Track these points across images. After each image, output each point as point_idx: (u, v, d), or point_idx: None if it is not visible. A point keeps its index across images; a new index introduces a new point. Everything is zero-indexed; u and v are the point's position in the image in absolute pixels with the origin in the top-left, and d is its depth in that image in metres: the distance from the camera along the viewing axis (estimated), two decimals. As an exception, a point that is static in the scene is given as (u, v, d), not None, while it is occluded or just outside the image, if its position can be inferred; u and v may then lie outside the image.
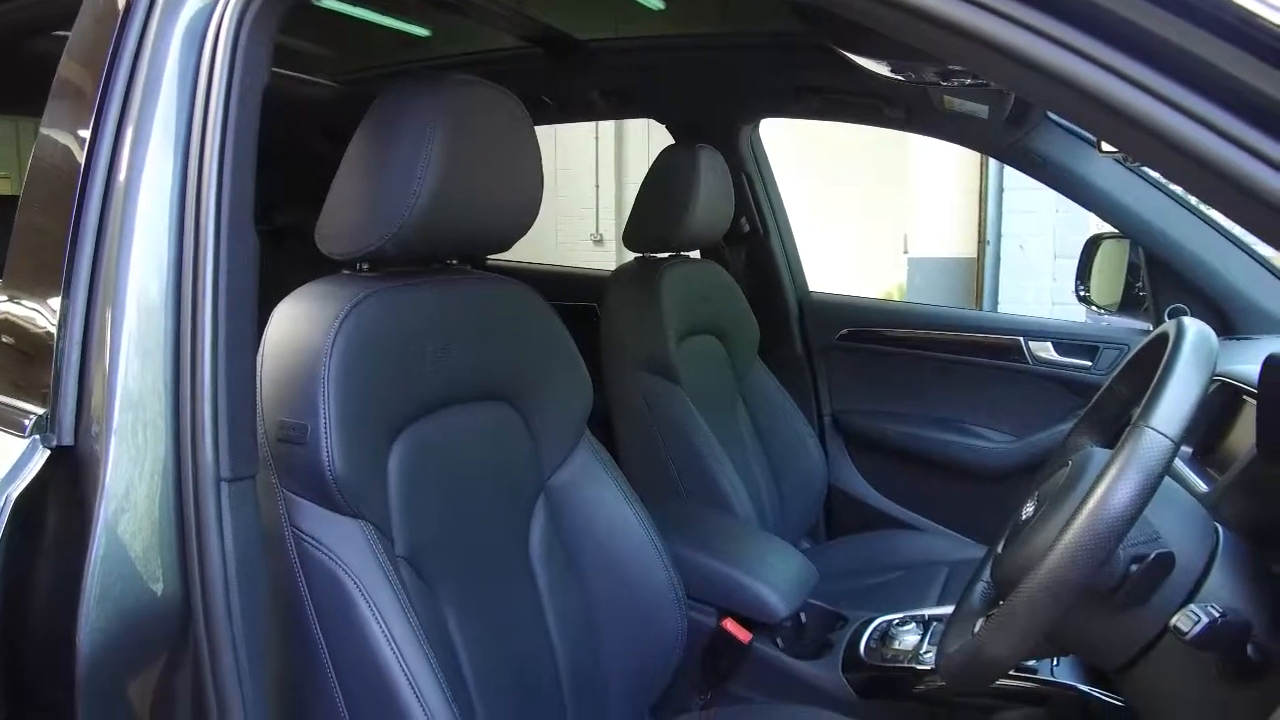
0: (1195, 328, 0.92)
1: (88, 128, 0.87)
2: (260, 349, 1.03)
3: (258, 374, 1.01)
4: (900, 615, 1.57)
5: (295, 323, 1.04)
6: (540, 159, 1.22)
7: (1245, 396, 1.32)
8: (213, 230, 0.82)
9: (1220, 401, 1.39)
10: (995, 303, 5.40)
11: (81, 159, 0.87)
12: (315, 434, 0.99)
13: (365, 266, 1.13)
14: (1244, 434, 1.28)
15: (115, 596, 0.77)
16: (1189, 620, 0.81)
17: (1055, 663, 1.36)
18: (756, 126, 2.43)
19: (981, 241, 5.43)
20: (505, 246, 1.25)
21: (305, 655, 0.98)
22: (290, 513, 1.00)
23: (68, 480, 0.81)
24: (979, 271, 5.48)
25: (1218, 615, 0.81)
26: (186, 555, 0.80)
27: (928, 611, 1.57)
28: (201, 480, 0.80)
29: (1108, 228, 2.00)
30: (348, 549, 0.99)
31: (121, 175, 0.85)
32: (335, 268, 1.14)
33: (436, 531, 1.13)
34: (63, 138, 0.91)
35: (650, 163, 2.02)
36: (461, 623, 1.13)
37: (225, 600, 0.80)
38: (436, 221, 1.08)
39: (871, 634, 1.55)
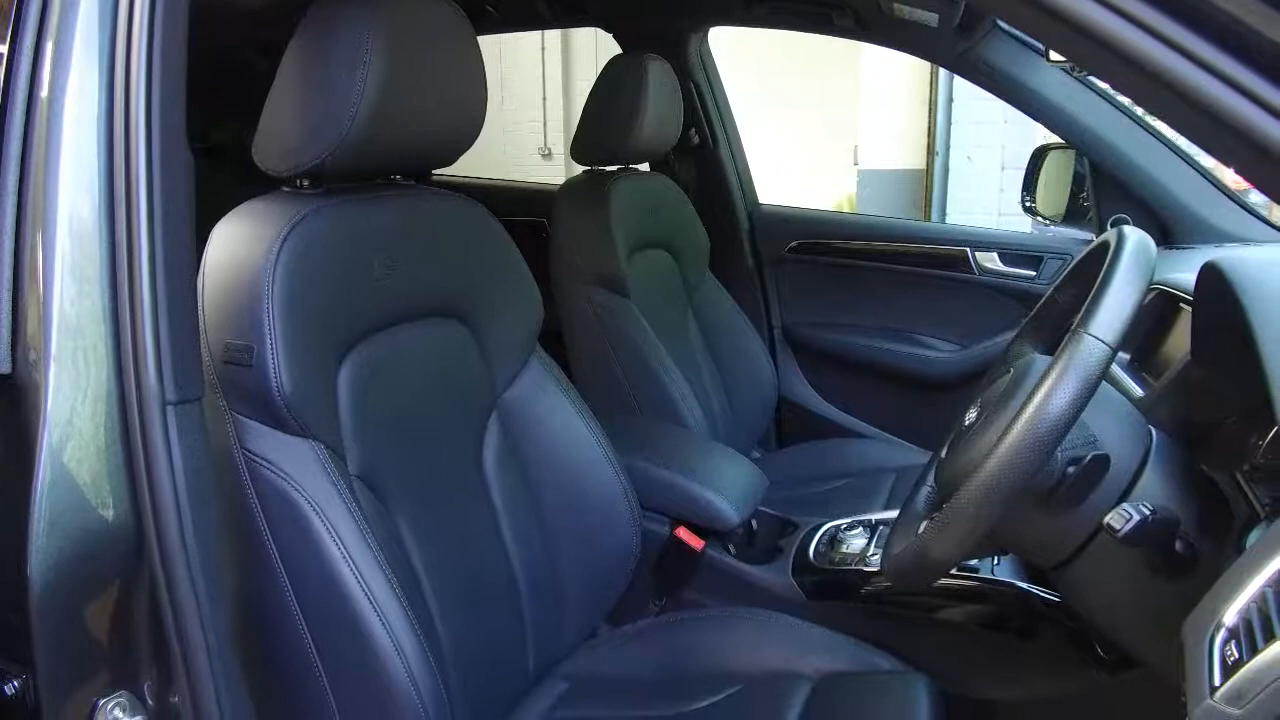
0: (1134, 237, 0.94)
1: (3, 43, 0.83)
2: (200, 270, 1.01)
3: (199, 296, 0.99)
4: (848, 520, 1.61)
5: (235, 242, 1.02)
6: (483, 70, 1.19)
7: (1182, 304, 1.36)
8: (144, 149, 0.79)
9: (1158, 309, 1.42)
10: (943, 214, 5.43)
11: (-1, 77, 0.83)
12: (261, 355, 0.98)
13: (305, 183, 1.10)
14: (1180, 340, 1.31)
15: (65, 524, 0.76)
16: (1121, 518, 0.85)
17: (995, 562, 1.41)
18: (705, 36, 2.39)
19: (930, 153, 5.43)
20: (450, 161, 1.23)
21: (263, 576, 0.99)
22: (240, 435, 0.99)
23: (7, 408, 0.80)
24: (927, 183, 5.49)
25: (1149, 513, 0.85)
26: (136, 480, 0.79)
27: (874, 516, 1.62)
28: (146, 404, 0.79)
29: (1055, 139, 2.01)
30: (300, 469, 0.99)
31: (44, 93, 0.81)
32: (274, 185, 1.11)
33: (389, 449, 1.13)
34: (-22, 52, 0.87)
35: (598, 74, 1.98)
36: (418, 538, 1.14)
37: (178, 523, 0.79)
38: (377, 135, 1.06)
39: (820, 539, 1.59)
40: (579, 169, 2.05)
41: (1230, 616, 0.64)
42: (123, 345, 0.79)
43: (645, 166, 2.20)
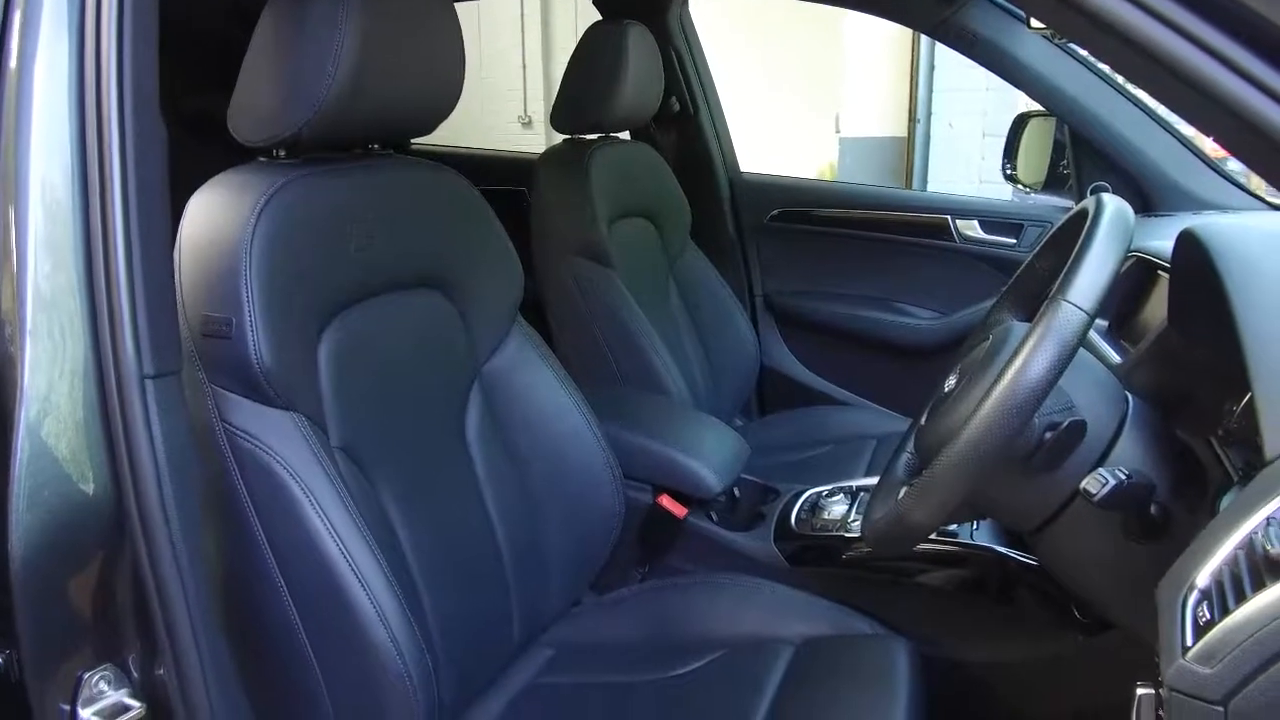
0: (1113, 204, 0.95)
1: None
2: (177, 243, 1.00)
3: (175, 268, 0.99)
4: (829, 487, 1.63)
5: (212, 214, 1.01)
6: (461, 37, 1.18)
7: (1160, 271, 1.37)
8: (116, 120, 0.78)
9: (1136, 276, 1.43)
10: (924, 182, 5.44)
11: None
12: (240, 327, 0.97)
13: (282, 153, 1.09)
14: (1157, 307, 1.32)
15: (44, 499, 0.76)
16: (1098, 483, 0.86)
17: (975, 527, 1.43)
18: (686, 2, 2.37)
19: (912, 121, 5.42)
20: (428, 129, 1.22)
21: (246, 549, 0.99)
22: (220, 408, 0.99)
23: (-17, 383, 0.79)
24: (909, 150, 5.49)
25: (1124, 478, 0.86)
26: (115, 455, 0.79)
27: (855, 483, 1.63)
28: (125, 378, 0.78)
29: (1036, 107, 2.01)
30: (281, 441, 0.99)
31: (11, 64, 0.80)
32: (250, 156, 1.10)
33: (371, 421, 1.13)
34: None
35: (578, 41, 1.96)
36: (401, 509, 1.15)
37: (159, 497, 0.79)
38: (354, 104, 1.05)
39: (802, 505, 1.61)
40: (559, 137, 2.03)
41: (1203, 578, 0.65)
42: (99, 319, 0.79)
43: (626, 135, 2.18)
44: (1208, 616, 0.62)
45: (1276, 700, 0.57)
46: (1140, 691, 0.70)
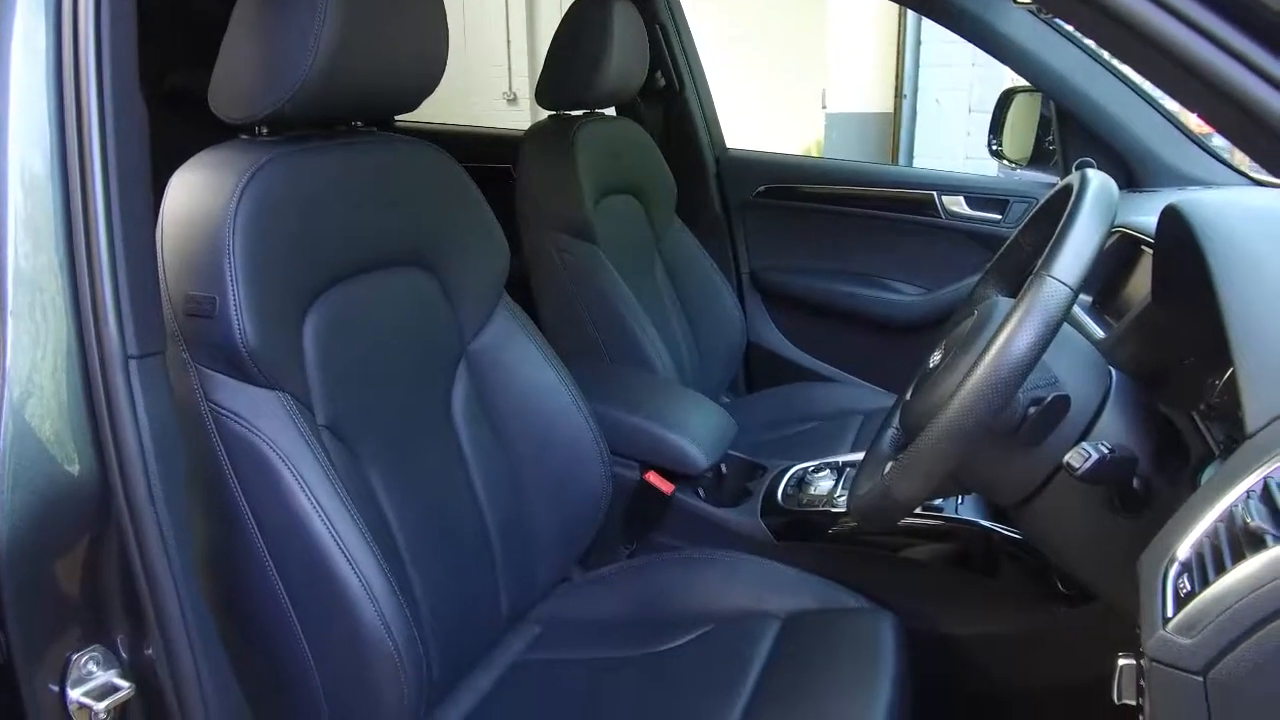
0: (1097, 180, 0.95)
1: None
2: (159, 221, 0.99)
3: (158, 247, 0.98)
4: (815, 462, 1.64)
5: (194, 192, 1.00)
6: (444, 12, 1.17)
7: (1144, 247, 1.37)
8: (95, 98, 0.77)
9: (1120, 252, 1.44)
10: (911, 157, 5.43)
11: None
12: (224, 306, 0.96)
13: (264, 131, 1.08)
14: (1141, 283, 1.33)
15: (29, 481, 0.75)
16: (1080, 457, 0.86)
17: (959, 501, 1.44)
18: (671, -24, 2.35)
19: (898, 96, 5.41)
20: (412, 106, 1.21)
21: (233, 528, 0.98)
22: (205, 387, 0.99)
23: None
24: (895, 126, 5.47)
25: (1107, 452, 0.86)
26: (100, 435, 0.79)
27: (841, 458, 1.64)
28: (108, 359, 0.78)
29: (1022, 82, 2.01)
30: (267, 421, 0.99)
31: (-12, 37, 0.79)
32: (232, 134, 1.09)
33: (357, 400, 1.13)
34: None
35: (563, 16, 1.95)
36: (388, 488, 1.15)
37: (144, 478, 0.79)
38: (337, 80, 1.04)
39: (788, 481, 1.62)
40: (545, 114, 2.02)
41: (1183, 551, 0.66)
42: (81, 299, 0.78)
43: (611, 111, 2.17)
44: (1188, 588, 0.63)
45: (1254, 669, 0.57)
46: (1122, 662, 0.71)
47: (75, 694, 0.77)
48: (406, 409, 1.21)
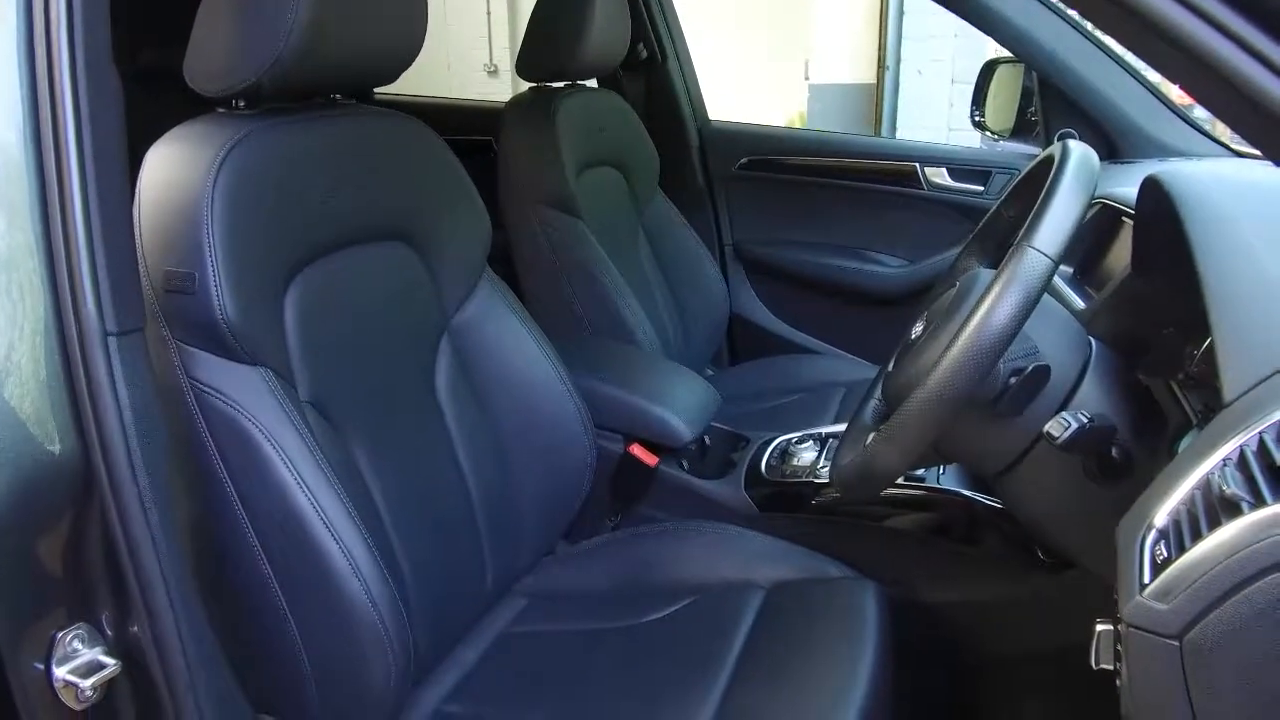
0: (1078, 151, 0.95)
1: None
2: (136, 197, 0.98)
3: (135, 223, 0.97)
4: (799, 434, 1.64)
5: (171, 167, 0.99)
6: (423, -18, 1.16)
7: (1124, 218, 1.38)
8: (68, 73, 0.76)
9: (1101, 223, 1.45)
10: (894, 129, 5.42)
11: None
12: (204, 282, 0.96)
13: (241, 104, 1.07)
14: (1122, 254, 1.34)
15: (10, 460, 0.75)
16: (1060, 426, 0.87)
17: (941, 471, 1.45)
18: (652, -55, 2.33)
19: (881, 67, 5.39)
20: (391, 78, 1.20)
21: (217, 505, 0.98)
22: (186, 364, 0.98)
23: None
24: (878, 97, 5.46)
25: (1086, 421, 0.87)
26: (81, 414, 0.78)
27: (824, 429, 1.65)
28: (87, 337, 0.77)
29: (1005, 53, 2.00)
30: (249, 397, 0.98)
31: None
32: (208, 108, 1.08)
33: (340, 375, 1.12)
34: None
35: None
36: (372, 463, 1.15)
37: (127, 456, 0.78)
38: (314, 52, 1.02)
39: (772, 452, 1.62)
40: (526, 86, 2.00)
41: (1160, 518, 0.66)
42: (59, 277, 0.77)
43: (593, 83, 2.16)
44: (1165, 555, 0.64)
45: (1228, 634, 0.58)
46: (1099, 628, 0.72)
47: (61, 672, 0.77)
48: (389, 384, 1.20)
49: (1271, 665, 0.58)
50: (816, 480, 1.53)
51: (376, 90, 2.21)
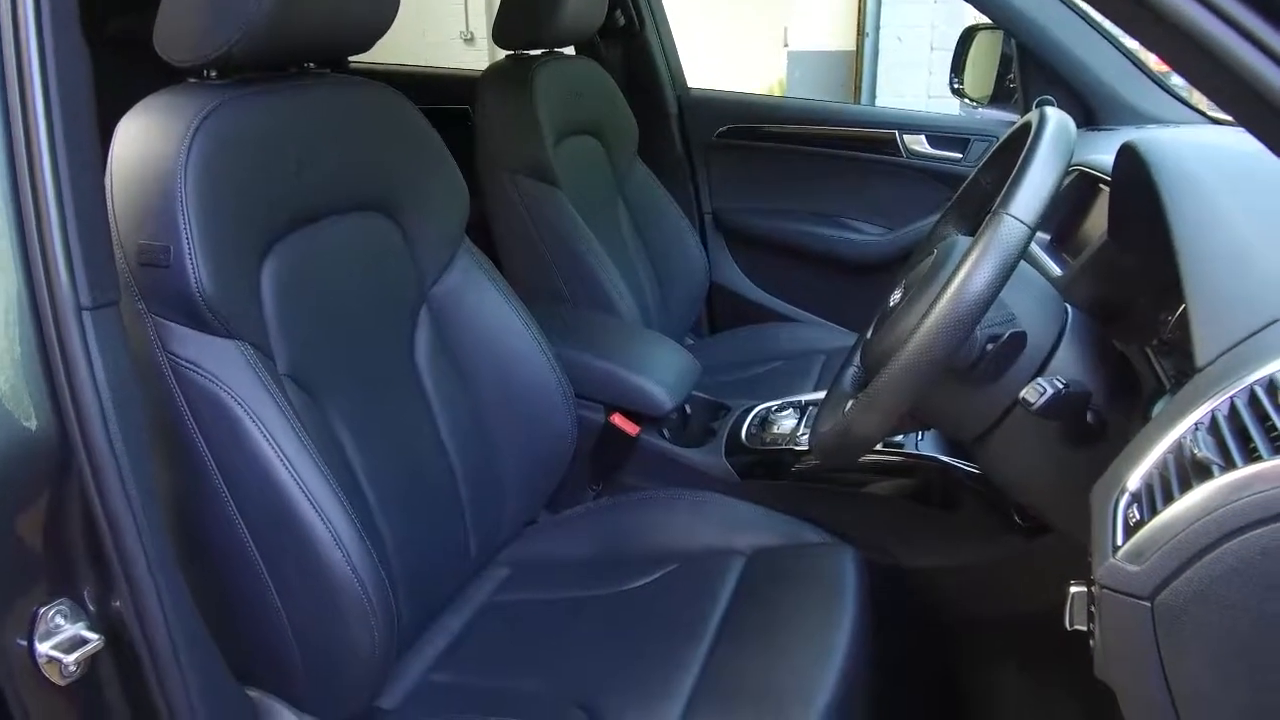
0: (1055, 118, 0.95)
1: None
2: (108, 170, 0.97)
3: (108, 196, 0.95)
4: (778, 402, 1.65)
5: (143, 139, 0.98)
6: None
7: (1101, 185, 1.38)
8: (35, 43, 0.74)
9: (1078, 190, 1.45)
10: (873, 96, 5.40)
11: None
12: (179, 255, 0.95)
13: (213, 74, 1.05)
14: (1098, 220, 1.34)
15: (-15, 435, 0.74)
16: (1036, 392, 0.88)
17: (919, 437, 1.46)
18: (629, -91, 2.30)
19: (860, 34, 5.37)
20: (365, 46, 1.18)
21: (197, 479, 0.98)
22: (162, 338, 0.97)
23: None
24: (857, 64, 5.44)
25: (1062, 387, 0.88)
26: (57, 389, 0.77)
27: (804, 397, 1.66)
28: (61, 311, 0.76)
29: (984, 19, 2.00)
30: (227, 370, 0.98)
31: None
32: (180, 77, 1.06)
33: (318, 347, 1.12)
34: None
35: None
36: (353, 435, 1.14)
37: (104, 432, 0.78)
38: (287, 19, 1.01)
39: (752, 421, 1.63)
40: (502, 54, 1.98)
41: (1134, 481, 0.67)
42: (30, 251, 0.76)
43: (571, 50, 2.14)
44: (1137, 517, 0.65)
45: (1198, 594, 0.60)
46: (1073, 589, 0.73)
47: (44, 648, 0.76)
48: (369, 356, 1.20)
49: (1240, 624, 0.59)
50: (796, 448, 1.54)
51: (351, 59, 2.18)
